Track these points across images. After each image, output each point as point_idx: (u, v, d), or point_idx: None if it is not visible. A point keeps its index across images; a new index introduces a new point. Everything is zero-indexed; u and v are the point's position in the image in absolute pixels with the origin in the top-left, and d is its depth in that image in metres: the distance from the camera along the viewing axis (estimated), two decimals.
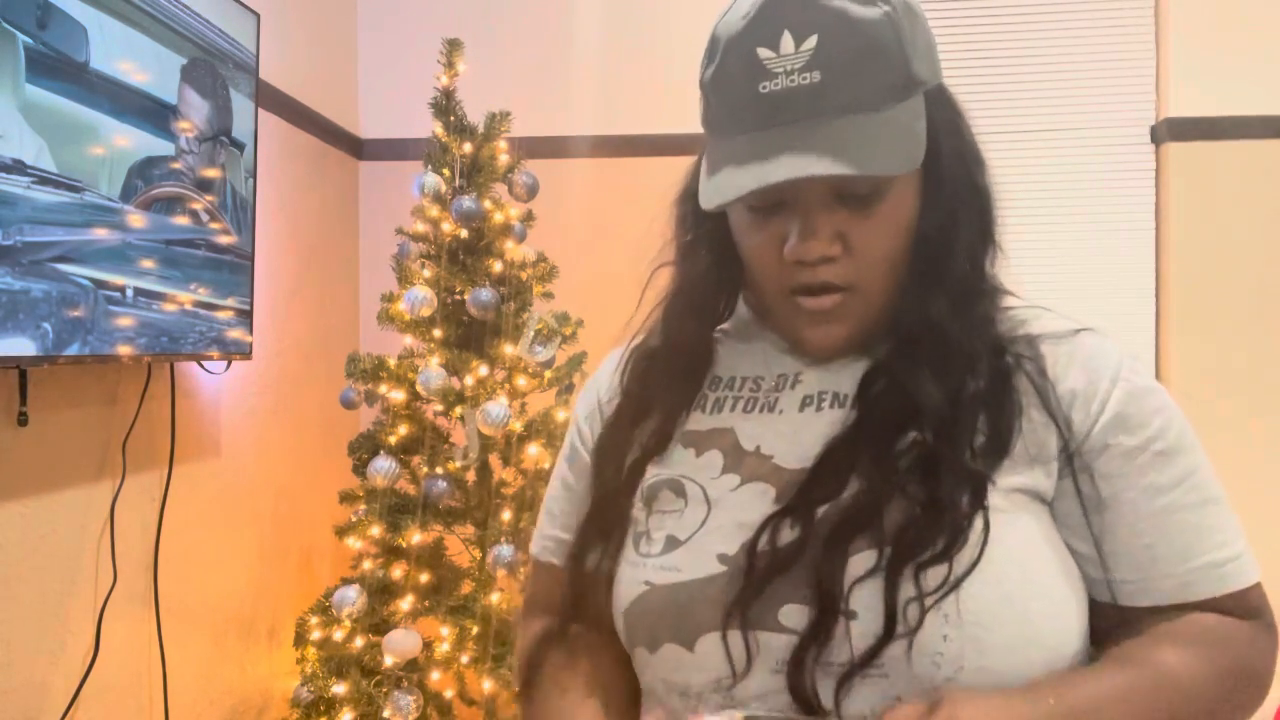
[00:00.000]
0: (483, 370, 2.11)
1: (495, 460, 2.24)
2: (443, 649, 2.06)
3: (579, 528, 0.80)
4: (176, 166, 1.73)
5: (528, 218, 2.29)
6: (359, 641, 2.07)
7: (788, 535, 0.68)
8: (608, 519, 0.78)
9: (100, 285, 1.53)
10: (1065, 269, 2.71)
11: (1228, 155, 2.58)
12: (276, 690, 2.32)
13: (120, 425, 1.76)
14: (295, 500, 2.45)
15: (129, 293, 1.60)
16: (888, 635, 0.63)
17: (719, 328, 0.85)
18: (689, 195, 0.82)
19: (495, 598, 2.07)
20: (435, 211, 2.18)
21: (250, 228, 1.97)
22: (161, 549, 1.88)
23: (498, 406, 2.04)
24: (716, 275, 0.81)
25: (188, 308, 1.76)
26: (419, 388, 2.07)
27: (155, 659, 1.87)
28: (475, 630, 2.05)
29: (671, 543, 0.72)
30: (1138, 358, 0.74)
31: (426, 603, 2.09)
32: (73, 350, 1.48)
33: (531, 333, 2.14)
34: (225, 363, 1.98)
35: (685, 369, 0.81)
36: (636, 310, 0.86)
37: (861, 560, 0.65)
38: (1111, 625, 0.70)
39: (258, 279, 2.03)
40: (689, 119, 3.09)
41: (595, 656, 0.79)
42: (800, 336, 0.76)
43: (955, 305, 0.72)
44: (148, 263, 1.65)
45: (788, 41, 0.67)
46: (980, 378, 0.70)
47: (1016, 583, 0.65)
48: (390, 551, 2.13)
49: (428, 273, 2.16)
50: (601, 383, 0.88)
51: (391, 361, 2.13)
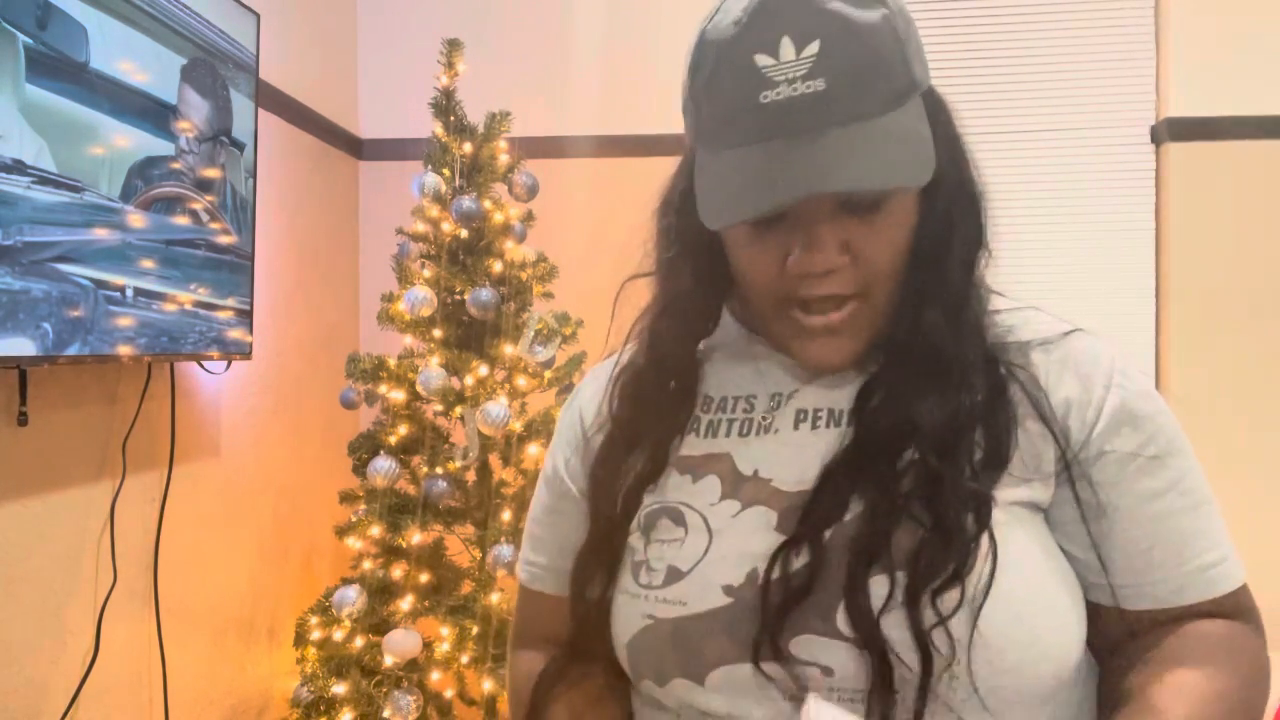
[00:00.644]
0: (483, 370, 2.11)
1: (495, 460, 2.24)
2: (443, 649, 2.06)
3: (578, 559, 0.78)
4: (176, 166, 1.73)
5: (528, 218, 2.29)
6: (359, 641, 2.07)
7: (795, 563, 0.66)
8: (607, 550, 0.76)
9: (100, 285, 1.53)
10: (1065, 269, 2.71)
11: (1228, 155, 2.58)
12: (276, 690, 2.32)
13: (120, 425, 1.76)
14: (295, 500, 2.45)
15: (129, 293, 1.60)
16: (928, 670, 0.62)
17: (703, 342, 0.82)
18: (670, 207, 0.80)
19: (495, 598, 2.07)
20: (435, 211, 2.18)
21: (250, 228, 1.97)
22: (161, 549, 1.88)
23: (498, 406, 2.04)
24: (703, 290, 0.79)
25: (188, 308, 1.76)
26: (419, 388, 2.07)
27: (155, 659, 1.87)
28: (475, 630, 2.05)
29: (674, 574, 0.70)
30: (1129, 357, 0.74)
31: (426, 603, 2.09)
32: (73, 350, 1.48)
33: (531, 333, 2.14)
34: (225, 363, 1.98)
35: (676, 391, 0.79)
36: (611, 326, 0.83)
37: (876, 587, 0.64)
38: (1109, 629, 0.70)
39: (258, 279, 2.02)
40: None
41: (596, 689, 0.78)
42: (803, 352, 0.74)
43: (949, 315, 0.71)
44: (148, 263, 1.65)
45: (788, 48, 0.63)
46: (975, 391, 0.70)
47: (1024, 601, 0.65)
48: (390, 551, 2.13)
49: (428, 273, 2.16)
50: (585, 407, 0.85)
51: (391, 361, 2.13)
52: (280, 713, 2.32)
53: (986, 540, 0.65)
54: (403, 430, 2.14)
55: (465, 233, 2.18)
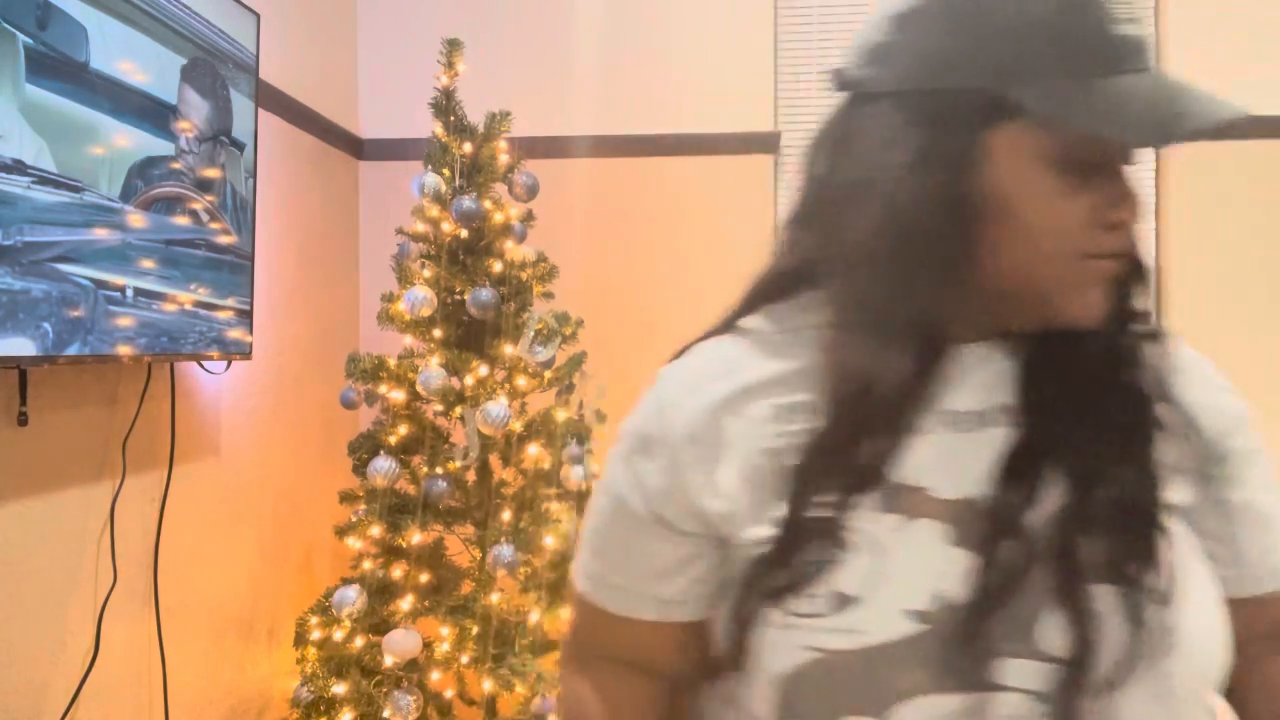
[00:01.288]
0: (483, 370, 2.11)
1: (495, 460, 2.24)
2: (443, 649, 2.06)
3: (744, 587, 0.67)
4: (176, 166, 1.73)
5: (528, 218, 2.29)
6: (359, 641, 2.07)
7: (988, 580, 0.61)
8: (777, 581, 0.65)
9: (100, 285, 1.53)
10: None
11: (1228, 155, 2.58)
12: (276, 690, 2.32)
13: (120, 425, 1.76)
14: (295, 500, 2.45)
15: (129, 293, 1.60)
16: (1137, 678, 0.61)
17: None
18: (890, 175, 0.64)
19: (495, 598, 2.07)
20: (435, 211, 2.18)
21: (250, 228, 1.97)
22: (161, 549, 1.88)
23: (498, 406, 2.04)
24: (944, 267, 0.66)
25: (188, 308, 1.76)
26: (419, 388, 2.07)
27: (155, 659, 1.87)
28: (475, 630, 2.05)
29: (840, 600, 0.63)
30: None
31: (426, 603, 2.09)
32: (73, 350, 1.48)
33: (531, 333, 2.14)
34: (225, 363, 1.98)
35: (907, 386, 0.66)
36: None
37: (1089, 600, 0.61)
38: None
39: (258, 279, 2.03)
40: (689, 119, 3.09)
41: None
42: (1085, 302, 0.65)
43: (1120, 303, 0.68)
44: (148, 263, 1.65)
45: None
46: (1133, 382, 0.68)
47: (1211, 601, 0.66)
48: (390, 551, 2.13)
49: (428, 273, 2.16)
50: (682, 430, 0.70)
51: (391, 361, 2.13)
52: (280, 713, 2.32)
53: (1165, 542, 0.64)
54: (403, 430, 2.14)
55: (465, 233, 2.18)
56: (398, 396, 2.13)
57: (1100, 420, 0.66)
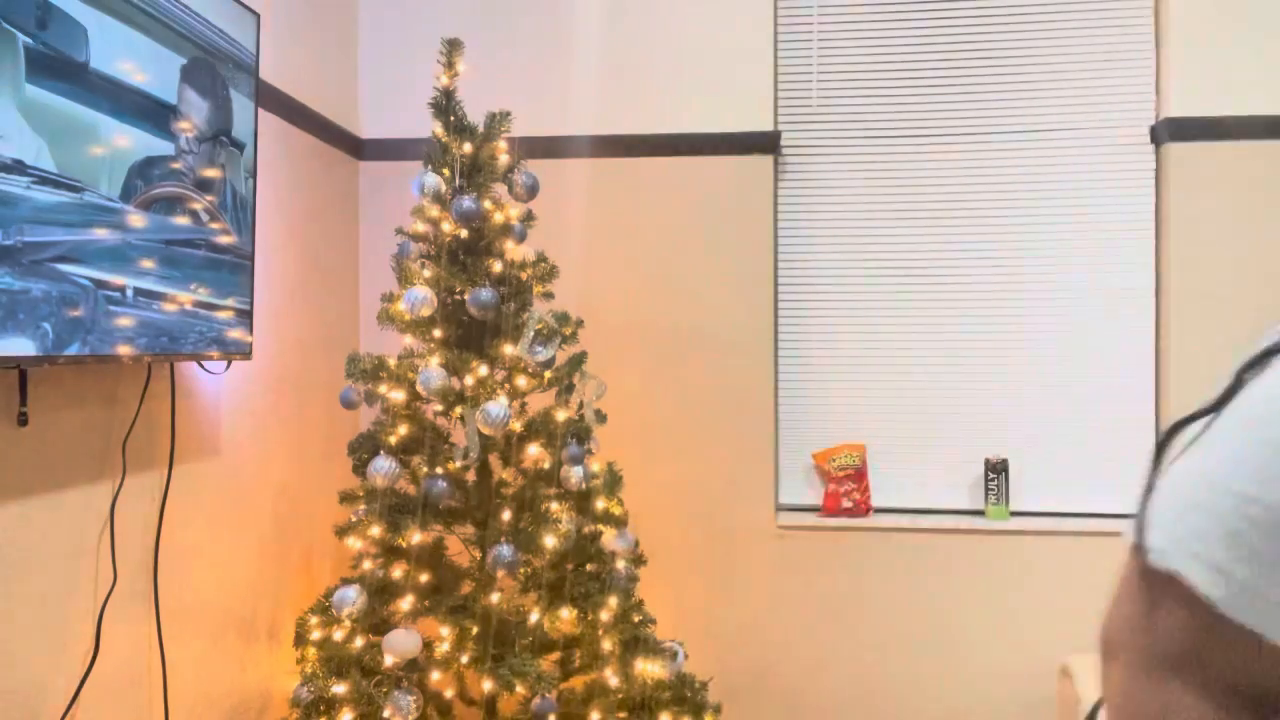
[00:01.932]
0: (483, 370, 2.11)
1: (495, 460, 2.24)
2: (443, 649, 2.06)
3: None
4: (176, 166, 1.73)
5: (528, 218, 2.29)
6: (359, 641, 2.07)
7: None
8: None
9: (100, 285, 1.53)
10: (1065, 269, 2.71)
11: (1228, 155, 2.59)
12: (276, 690, 2.32)
13: (120, 425, 1.76)
14: (295, 500, 2.45)
15: (129, 293, 1.60)
16: None
17: None
18: None
19: (495, 598, 2.07)
20: (435, 211, 2.18)
21: (250, 228, 1.97)
22: (161, 549, 1.88)
23: (498, 406, 2.04)
24: None
25: (188, 308, 1.76)
26: (419, 388, 2.07)
27: (155, 659, 1.87)
28: (475, 630, 2.06)
29: None
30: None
31: (426, 603, 2.09)
32: (73, 350, 1.48)
33: (531, 333, 2.14)
34: (225, 363, 1.98)
35: None
36: None
37: None
38: None
39: (258, 279, 2.03)
40: (689, 119, 3.10)
41: None
42: None
43: None
44: (148, 263, 1.65)
45: None
46: None
47: None
48: (390, 551, 2.13)
49: (428, 273, 2.16)
50: None
51: (391, 361, 2.13)
52: (280, 713, 2.32)
53: None
54: (403, 430, 2.15)
55: (465, 233, 2.19)
56: (398, 396, 2.13)
57: None
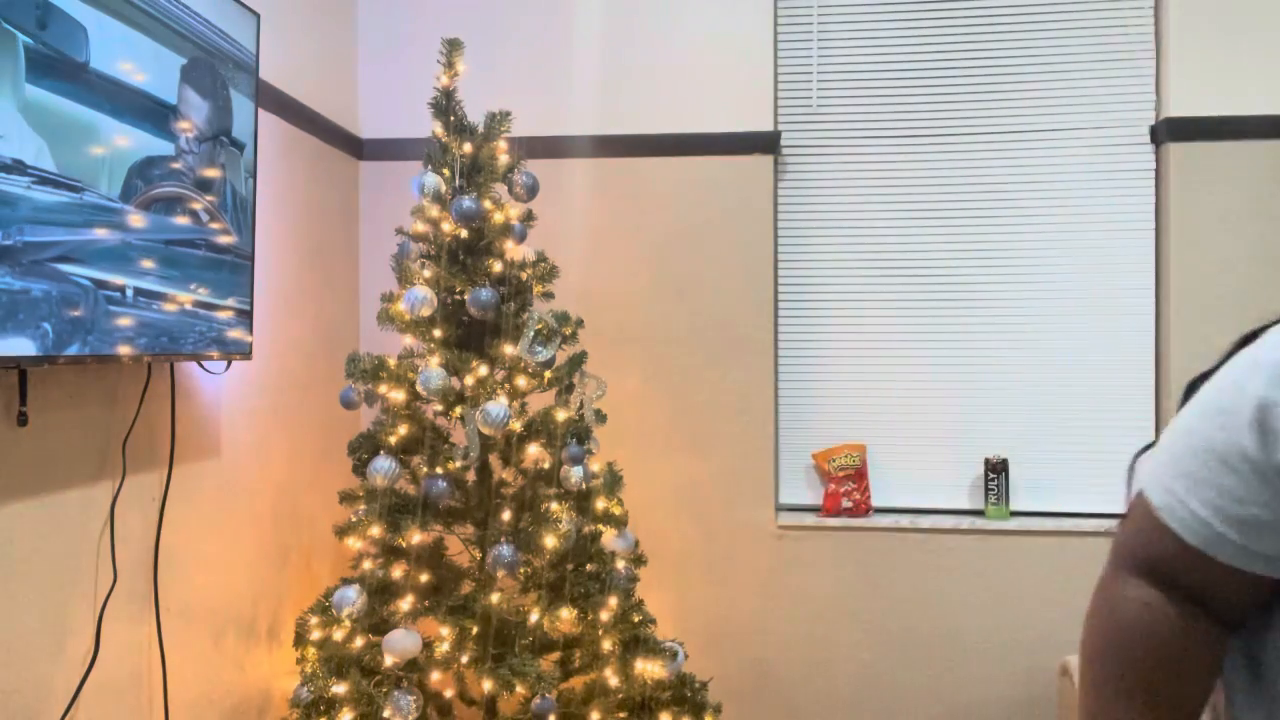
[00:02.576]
0: (483, 370, 2.11)
1: (495, 460, 2.24)
2: (443, 649, 2.06)
3: None
4: (176, 166, 1.73)
5: (528, 218, 2.29)
6: (359, 641, 2.07)
7: None
8: None
9: (100, 285, 1.53)
10: (1065, 269, 2.71)
11: (1228, 155, 2.59)
12: (276, 690, 2.32)
13: (120, 425, 1.76)
14: (295, 500, 2.45)
15: (129, 293, 1.60)
16: None
17: None
18: None
19: (495, 598, 2.07)
20: (435, 211, 2.18)
21: (250, 228, 1.97)
22: (161, 549, 1.88)
23: (498, 406, 2.04)
24: None
25: (188, 308, 1.76)
26: (419, 388, 2.07)
27: (155, 659, 1.87)
28: (475, 630, 2.05)
29: None
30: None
31: (426, 603, 2.09)
32: (73, 350, 1.48)
33: (531, 333, 2.14)
34: (225, 363, 1.98)
35: None
36: None
37: None
38: None
39: (258, 279, 2.03)
40: (689, 119, 3.10)
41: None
42: None
43: None
44: (148, 263, 1.65)
45: None
46: None
47: None
48: (390, 551, 2.13)
49: (428, 273, 2.16)
50: None
51: (391, 361, 2.13)
52: (280, 713, 2.32)
53: None
54: (403, 430, 2.15)
55: (465, 233, 2.19)
56: (398, 396, 2.13)
57: None
